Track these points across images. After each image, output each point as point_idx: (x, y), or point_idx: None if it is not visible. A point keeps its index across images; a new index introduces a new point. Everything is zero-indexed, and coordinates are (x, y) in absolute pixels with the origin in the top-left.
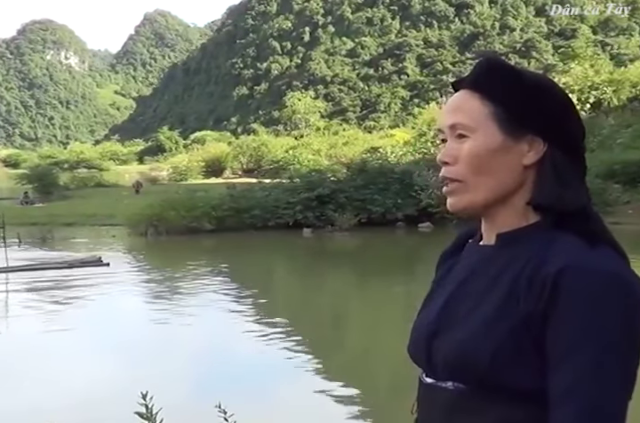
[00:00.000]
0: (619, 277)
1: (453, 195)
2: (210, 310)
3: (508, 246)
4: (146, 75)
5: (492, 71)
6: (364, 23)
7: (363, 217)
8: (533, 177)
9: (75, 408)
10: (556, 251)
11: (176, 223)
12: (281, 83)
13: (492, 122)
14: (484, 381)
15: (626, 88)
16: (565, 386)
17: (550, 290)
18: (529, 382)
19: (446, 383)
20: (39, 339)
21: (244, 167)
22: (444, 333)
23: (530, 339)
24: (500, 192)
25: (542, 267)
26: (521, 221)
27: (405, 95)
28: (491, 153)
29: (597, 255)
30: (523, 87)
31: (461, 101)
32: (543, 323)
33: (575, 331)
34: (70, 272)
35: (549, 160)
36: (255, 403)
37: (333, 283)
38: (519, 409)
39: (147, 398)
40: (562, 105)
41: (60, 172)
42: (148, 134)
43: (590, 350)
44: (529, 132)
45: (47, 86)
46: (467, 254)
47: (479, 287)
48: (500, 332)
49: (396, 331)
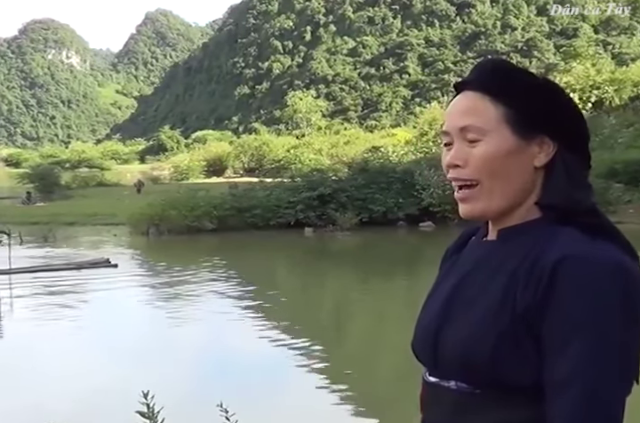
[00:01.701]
0: (618, 266)
1: (467, 202)
2: (211, 310)
3: (510, 240)
4: (147, 75)
5: (498, 73)
6: (365, 22)
7: (364, 216)
8: (542, 178)
9: (77, 407)
10: (557, 244)
11: (177, 222)
12: (282, 82)
13: (504, 124)
14: (485, 379)
15: (627, 87)
16: (563, 374)
17: (548, 278)
18: (529, 378)
19: (449, 382)
20: (42, 339)
21: (246, 166)
22: (447, 329)
23: (528, 333)
24: (513, 197)
25: (541, 259)
26: (523, 218)
27: (407, 94)
28: (505, 155)
29: (597, 246)
30: (530, 89)
31: (471, 103)
32: (541, 314)
33: (573, 319)
34: (75, 271)
35: (560, 161)
36: (257, 403)
37: (335, 282)
38: (522, 408)
39: (148, 397)
40: (568, 106)
41: (62, 172)
42: (150, 133)
43: (588, 338)
44: (539, 134)
45: (49, 85)
46: (470, 250)
47: (480, 281)
48: (498, 328)
49: (398, 329)
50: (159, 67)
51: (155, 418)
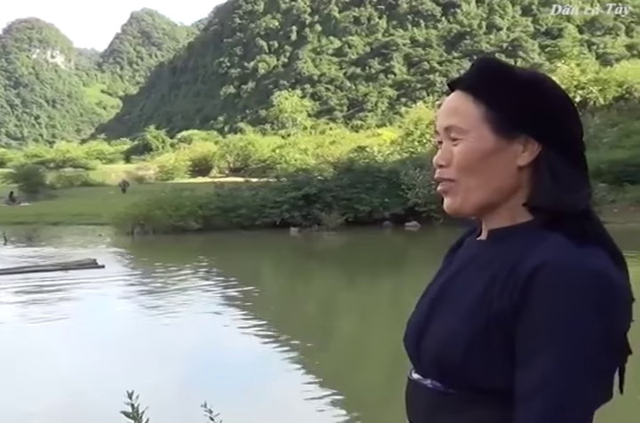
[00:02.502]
0: (597, 276)
1: (447, 195)
2: (196, 310)
3: (499, 242)
4: (132, 74)
5: (482, 72)
6: (351, 22)
7: (349, 216)
8: (530, 178)
9: (61, 407)
10: (539, 249)
11: (163, 222)
12: (268, 82)
13: (484, 123)
14: (457, 379)
15: (611, 87)
16: (531, 384)
17: (523, 286)
18: (500, 381)
19: (427, 381)
20: (26, 339)
21: (231, 166)
22: (430, 328)
23: (501, 338)
24: (494, 194)
25: (521, 264)
26: (514, 220)
27: (392, 94)
28: (482, 154)
29: (582, 254)
30: (514, 88)
31: (456, 103)
32: (514, 321)
33: (546, 327)
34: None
35: (544, 161)
36: (241, 403)
37: (320, 281)
38: (495, 410)
39: (132, 397)
40: (556, 104)
41: (47, 172)
42: (135, 133)
43: (559, 348)
44: (523, 133)
45: (33, 85)
46: (463, 248)
47: (465, 282)
48: (472, 330)
49: (383, 328)
50: (144, 66)
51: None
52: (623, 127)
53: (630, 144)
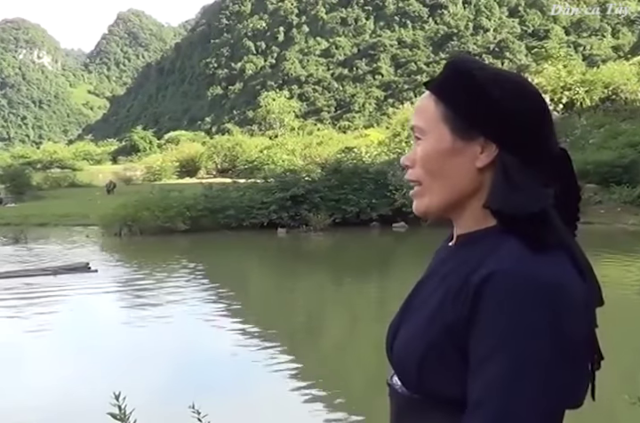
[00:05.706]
0: (548, 284)
1: (415, 198)
2: (184, 311)
3: (464, 248)
4: (119, 75)
5: (447, 72)
6: (338, 23)
7: (337, 217)
8: (489, 180)
9: (48, 409)
10: (494, 257)
11: (150, 223)
12: (255, 82)
13: (442, 124)
14: (415, 386)
15: (598, 89)
16: (476, 396)
17: (473, 294)
18: (456, 389)
19: (397, 384)
20: (12, 343)
21: (219, 167)
22: (400, 333)
23: (454, 348)
24: (455, 195)
25: (474, 272)
26: (479, 224)
27: (380, 95)
28: (440, 155)
29: (534, 261)
30: (471, 87)
31: (420, 103)
32: (466, 329)
33: (492, 338)
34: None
35: (500, 163)
36: (229, 404)
37: (307, 282)
38: (455, 416)
39: (119, 399)
40: (514, 104)
41: (33, 172)
42: (122, 134)
43: (505, 359)
44: (481, 135)
45: (20, 86)
46: (438, 253)
47: (430, 288)
48: (428, 337)
49: (370, 329)
50: (131, 67)
51: (126, 419)
52: (609, 128)
53: (616, 145)
